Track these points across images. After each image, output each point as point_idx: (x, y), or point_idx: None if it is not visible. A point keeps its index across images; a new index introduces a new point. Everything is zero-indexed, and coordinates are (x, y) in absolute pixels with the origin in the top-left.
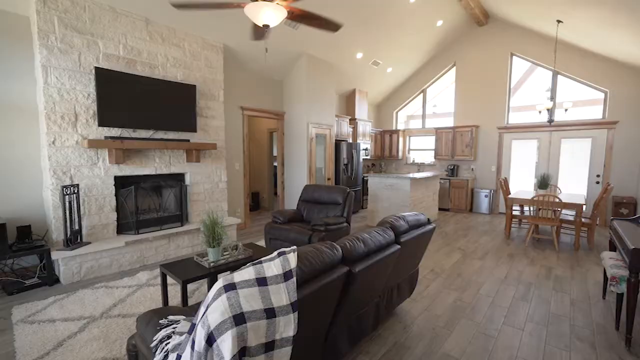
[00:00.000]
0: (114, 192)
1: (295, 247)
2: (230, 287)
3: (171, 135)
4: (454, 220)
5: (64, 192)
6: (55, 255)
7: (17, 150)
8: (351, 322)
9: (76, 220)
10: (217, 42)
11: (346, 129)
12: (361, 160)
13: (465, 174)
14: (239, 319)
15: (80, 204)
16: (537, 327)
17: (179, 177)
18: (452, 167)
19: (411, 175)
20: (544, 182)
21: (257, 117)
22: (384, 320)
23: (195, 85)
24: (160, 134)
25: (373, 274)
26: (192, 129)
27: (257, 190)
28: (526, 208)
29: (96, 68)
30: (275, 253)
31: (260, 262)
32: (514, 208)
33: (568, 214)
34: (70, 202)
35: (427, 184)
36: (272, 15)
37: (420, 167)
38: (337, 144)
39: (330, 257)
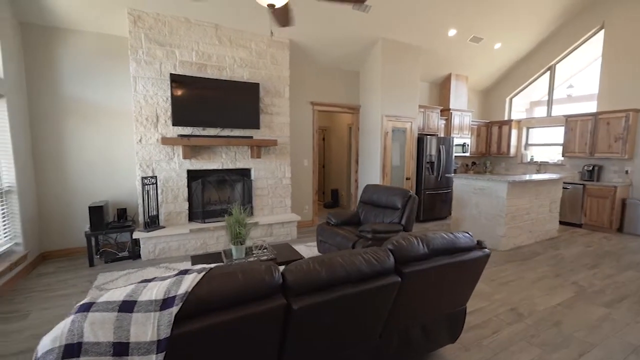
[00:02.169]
0: (186, 184)
1: (211, 266)
2: (85, 307)
3: (237, 132)
4: (584, 241)
5: (143, 182)
6: (135, 235)
7: (121, 147)
8: None
9: (154, 206)
10: (282, 38)
11: (436, 121)
12: (453, 157)
13: (613, 177)
14: (72, 350)
15: (159, 193)
16: None
17: (244, 172)
18: (591, 168)
19: (512, 177)
20: None
21: (332, 112)
22: None
23: (258, 83)
24: (227, 132)
25: (336, 312)
26: (255, 126)
27: (336, 187)
28: None
29: (171, 74)
30: (177, 271)
31: (150, 281)
32: None
33: None
34: (148, 191)
35: (540, 189)
36: None
37: (542, 167)
38: (421, 138)
39: (263, 283)
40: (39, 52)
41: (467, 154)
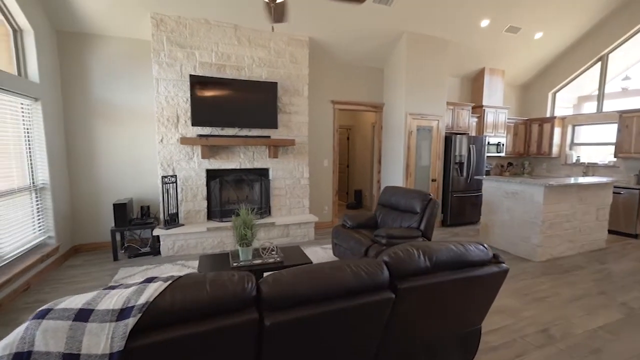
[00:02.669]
0: (205, 183)
1: (180, 274)
2: (42, 313)
3: (255, 132)
4: (638, 256)
5: (163, 181)
6: (155, 231)
7: (145, 147)
8: None
9: (174, 205)
10: (302, 36)
11: (466, 119)
12: (485, 157)
13: None
14: (21, 359)
15: (179, 192)
16: None
17: (262, 172)
18: None
19: (550, 180)
20: None
21: (354, 111)
22: None
23: (276, 83)
24: (245, 131)
25: (319, 330)
26: (273, 125)
27: (360, 187)
28: None
29: (190, 75)
30: (142, 278)
31: (113, 288)
32: None
33: None
34: (168, 190)
35: (585, 194)
36: None
37: (589, 168)
38: (449, 138)
39: (233, 295)
40: (73, 58)
41: (503, 154)
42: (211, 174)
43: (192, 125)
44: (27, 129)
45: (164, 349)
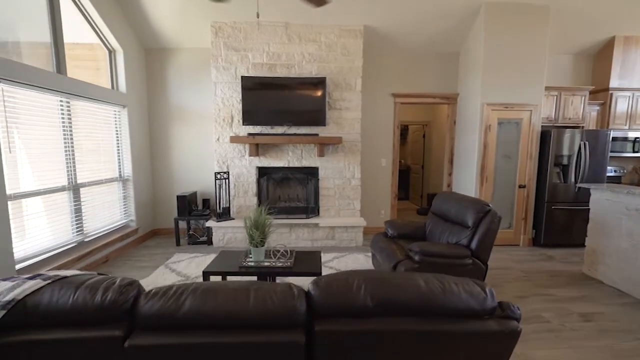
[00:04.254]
0: (255, 180)
1: (67, 274)
2: None
3: (304, 130)
4: None
5: (216, 177)
6: (208, 223)
7: (207, 145)
8: None
9: (225, 199)
10: (355, 25)
11: (580, 107)
12: (608, 158)
13: None
14: None
15: (231, 188)
16: None
17: (311, 171)
18: None
19: None
20: None
21: (420, 105)
22: None
23: (324, 78)
24: (294, 129)
25: None
26: (321, 123)
27: (435, 191)
28: None
29: (242, 77)
30: (25, 276)
31: (6, 279)
32: None
33: None
34: (221, 185)
35: None
36: None
37: None
38: (547, 132)
39: (100, 306)
40: (156, 69)
41: (638, 154)
42: (262, 172)
43: (243, 124)
44: (117, 130)
45: (21, 351)
